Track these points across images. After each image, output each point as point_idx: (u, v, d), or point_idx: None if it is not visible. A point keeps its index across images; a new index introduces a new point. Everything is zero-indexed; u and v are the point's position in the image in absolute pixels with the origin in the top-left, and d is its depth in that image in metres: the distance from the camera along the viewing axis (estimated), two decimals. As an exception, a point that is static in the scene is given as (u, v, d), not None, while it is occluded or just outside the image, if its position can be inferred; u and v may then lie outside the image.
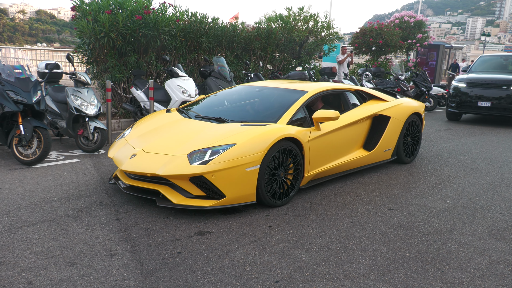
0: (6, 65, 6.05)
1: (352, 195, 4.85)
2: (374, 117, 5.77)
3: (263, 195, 4.17)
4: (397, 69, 12.89)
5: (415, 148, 6.49)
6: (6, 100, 5.62)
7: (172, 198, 3.96)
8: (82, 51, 8.70)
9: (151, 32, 8.55)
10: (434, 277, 3.08)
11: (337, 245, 3.55)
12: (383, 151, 5.78)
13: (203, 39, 9.79)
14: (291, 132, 4.40)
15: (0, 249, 3.29)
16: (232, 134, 4.22)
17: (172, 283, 2.89)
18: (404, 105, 6.25)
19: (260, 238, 3.64)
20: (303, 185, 4.71)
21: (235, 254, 3.34)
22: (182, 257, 3.26)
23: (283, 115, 4.68)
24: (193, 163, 3.90)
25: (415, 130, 6.43)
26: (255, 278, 2.99)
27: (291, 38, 12.05)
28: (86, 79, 6.74)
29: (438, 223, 4.09)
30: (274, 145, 4.14)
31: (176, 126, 4.81)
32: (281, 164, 4.32)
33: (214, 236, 3.65)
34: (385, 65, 15.96)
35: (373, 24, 16.49)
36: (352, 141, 5.46)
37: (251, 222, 3.98)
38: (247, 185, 4.03)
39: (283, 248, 3.45)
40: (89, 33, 8.09)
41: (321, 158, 4.87)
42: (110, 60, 8.50)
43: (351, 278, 3.02)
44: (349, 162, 5.31)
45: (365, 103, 5.91)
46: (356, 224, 4.00)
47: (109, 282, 2.88)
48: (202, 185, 3.95)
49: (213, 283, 2.90)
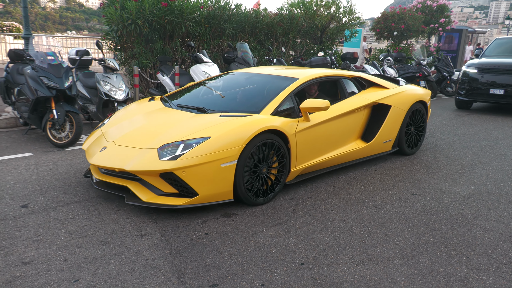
0: (40, 52, 6.12)
1: (374, 179, 4.76)
2: (374, 106, 5.22)
3: (242, 192, 3.71)
4: (419, 54, 12.53)
5: (419, 139, 5.93)
6: (40, 86, 5.70)
7: (142, 195, 3.55)
8: (110, 38, 8.73)
9: (176, 18, 8.51)
10: (459, 262, 3.00)
11: (361, 229, 3.49)
12: (382, 142, 5.26)
13: (226, 25, 9.68)
14: (275, 123, 3.88)
15: (37, 227, 3.36)
16: (208, 126, 3.73)
17: (200, 263, 2.89)
18: (407, 93, 5.65)
19: (285, 221, 3.61)
20: (289, 181, 4.23)
21: (261, 236, 3.32)
22: (209, 238, 3.27)
23: (267, 105, 4.16)
24: (162, 158, 3.47)
25: (419, 120, 5.85)
26: (281, 260, 2.97)
27: (313, 24, 11.83)
28: (115, 65, 6.77)
29: (462, 209, 3.98)
30: (254, 138, 3.68)
31: (153, 116, 4.33)
32: (264, 158, 3.85)
33: (240, 218, 3.64)
34: (406, 50, 15.53)
35: (395, 8, 16.02)
36: (348, 132, 4.90)
37: (275, 205, 3.95)
38: (222, 182, 3.57)
39: (307, 231, 3.42)
40: (116, 20, 8.11)
41: (311, 151, 4.37)
42: (137, 46, 8.51)
43: (376, 262, 2.97)
44: (344, 155, 4.80)
45: (364, 91, 5.31)
46: (379, 209, 3.93)
47: (140, 261, 2.91)
48: (173, 182, 3.51)
49: (240, 264, 2.90)
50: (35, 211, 3.67)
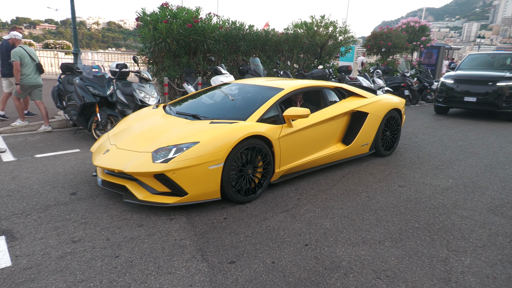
0: (86, 65, 6.14)
1: (367, 173, 4.69)
2: (353, 113, 4.93)
3: (229, 192, 3.50)
4: (403, 67, 12.35)
5: (394, 142, 5.61)
6: (86, 93, 5.72)
7: (138, 193, 3.37)
8: (145, 53, 8.74)
9: (199, 37, 8.48)
10: (441, 245, 2.93)
11: (356, 215, 3.43)
12: (360, 145, 4.96)
13: (241, 43, 9.63)
14: (260, 129, 3.66)
15: (84, 211, 3.36)
16: (198, 132, 3.52)
17: (220, 243, 2.87)
18: (383, 101, 5.31)
19: (291, 208, 3.57)
20: (274, 180, 3.98)
21: (271, 221, 3.28)
22: (227, 222, 3.24)
23: (254, 113, 3.90)
24: (155, 161, 3.29)
25: (394, 125, 5.52)
26: (288, 241, 2.93)
27: (314, 42, 11.70)
28: (148, 76, 6.77)
29: (442, 199, 3.90)
30: (239, 143, 3.47)
31: (152, 122, 4.09)
32: (249, 161, 3.63)
33: (253, 205, 3.60)
34: (392, 63, 15.31)
35: (383, 29, 15.80)
36: (328, 136, 4.60)
37: (283, 194, 3.90)
38: (210, 182, 3.37)
39: (310, 217, 3.37)
40: (150, 39, 8.11)
41: (293, 154, 4.10)
42: (167, 61, 8.51)
43: (369, 244, 2.91)
44: (325, 157, 4.51)
45: (344, 100, 4.99)
46: (372, 198, 3.86)
47: (170, 241, 2.89)
48: (165, 182, 3.33)
49: (254, 244, 2.86)
50: (83, 198, 3.68)
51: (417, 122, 8.71)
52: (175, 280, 2.40)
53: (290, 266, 2.59)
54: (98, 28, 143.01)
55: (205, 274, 2.47)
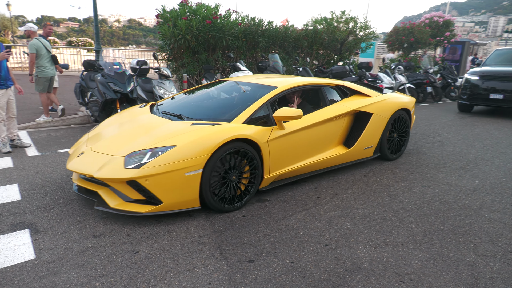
0: (108, 62, 6.22)
1: (388, 172, 4.57)
2: (356, 114, 4.54)
3: (209, 200, 3.18)
4: (426, 63, 12.01)
5: (402, 145, 5.15)
6: (108, 90, 5.80)
7: (111, 201, 3.07)
8: (164, 50, 8.80)
9: (218, 34, 8.47)
10: (467, 249, 2.82)
11: (377, 216, 3.35)
12: (363, 149, 4.55)
13: (260, 39, 9.57)
14: (244, 132, 3.31)
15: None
16: (177, 135, 3.21)
17: (238, 242, 2.84)
18: (390, 100, 4.86)
19: (310, 207, 3.51)
20: (263, 187, 3.64)
21: (290, 219, 3.24)
22: (246, 220, 3.21)
23: (240, 114, 3.57)
24: (127, 166, 2.98)
25: (402, 126, 5.07)
26: (308, 241, 2.88)
27: (334, 38, 11.52)
28: (168, 73, 6.81)
29: (468, 200, 3.75)
30: (221, 147, 3.14)
31: (134, 123, 3.80)
32: (234, 166, 3.31)
33: (272, 203, 3.56)
34: (415, 60, 14.94)
35: (406, 24, 15.41)
36: (327, 139, 4.21)
37: (302, 193, 3.85)
38: (187, 190, 3.05)
39: (330, 217, 3.31)
40: (169, 35, 8.15)
41: (286, 158, 3.75)
42: (186, 57, 8.55)
43: (391, 246, 2.83)
44: (323, 161, 4.14)
45: (346, 99, 4.58)
46: (394, 198, 3.76)
47: (189, 237, 2.89)
48: (139, 189, 3.00)
49: (273, 243, 2.83)
50: (104, 193, 3.71)
51: (440, 120, 8.46)
52: (194, 277, 2.39)
53: (310, 266, 2.54)
54: (119, 26, 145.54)
55: (224, 272, 2.45)
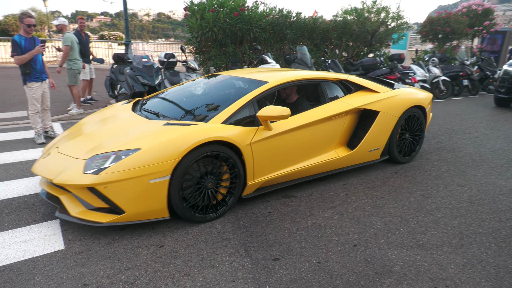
0: (136, 55, 6.30)
1: (421, 170, 4.36)
2: (362, 112, 4.09)
3: (180, 210, 2.85)
4: (462, 55, 11.41)
5: (416, 146, 4.61)
6: (136, 83, 5.87)
7: (72, 208, 2.79)
8: (192, 43, 8.83)
9: (245, 26, 8.39)
10: (509, 254, 2.62)
11: (410, 216, 3.19)
12: (368, 151, 4.06)
13: (288, 31, 9.40)
14: (221, 134, 2.93)
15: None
16: (144, 136, 2.90)
17: (264, 239, 2.78)
18: (401, 97, 4.31)
19: (338, 204, 3.40)
20: (247, 194, 3.26)
21: (317, 217, 3.14)
22: (271, 216, 3.14)
23: (220, 113, 3.18)
24: (86, 171, 2.70)
25: (416, 125, 4.52)
26: (335, 240, 2.77)
27: (364, 29, 11.15)
28: (195, 66, 6.82)
29: (509, 202, 3.51)
30: (193, 150, 2.79)
31: (109, 122, 3.52)
32: (211, 172, 2.95)
33: (298, 200, 3.48)
34: (450, 51, 14.24)
35: (441, 13, 14.70)
36: (325, 140, 3.78)
37: (330, 189, 3.73)
38: (153, 199, 2.73)
39: (359, 215, 3.18)
40: (197, 28, 8.16)
41: (274, 162, 3.35)
42: (213, 50, 8.53)
43: (425, 248, 2.68)
44: (319, 165, 3.70)
45: (350, 95, 4.09)
46: (427, 198, 3.57)
47: (213, 233, 2.86)
48: (102, 197, 2.69)
49: (299, 241, 2.75)
50: (131, 185, 3.74)
51: (477, 114, 8.02)
52: (218, 274, 2.35)
53: (338, 267, 2.44)
54: (149, 20, 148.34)
55: (248, 270, 2.40)
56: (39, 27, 33.49)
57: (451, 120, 7.27)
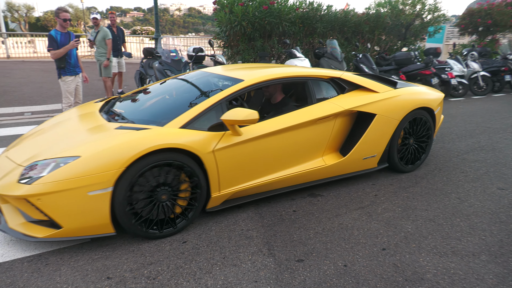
0: (165, 49, 6.35)
1: (457, 171, 4.12)
2: (354, 114, 3.61)
3: (127, 227, 2.54)
4: (505, 49, 10.73)
5: (422, 153, 4.08)
6: (164, 77, 5.92)
7: (11, 219, 2.50)
8: (220, 37, 8.82)
9: (274, 20, 8.28)
10: (556, 266, 2.41)
11: (444, 220, 3.01)
12: (362, 159, 3.61)
13: (318, 24, 9.19)
14: (175, 140, 2.58)
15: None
16: (88, 142, 2.61)
17: (288, 238, 2.71)
18: (403, 97, 3.80)
19: (367, 205, 3.26)
20: (211, 208, 2.92)
21: (344, 218, 3.03)
22: (296, 215, 3.06)
23: (180, 116, 2.82)
24: (21, 180, 2.42)
25: (422, 130, 3.98)
26: (363, 243, 2.66)
27: (398, 22, 10.72)
28: (223, 60, 6.80)
29: (556, 208, 3.24)
30: (141, 159, 2.46)
31: (69, 122, 3.22)
32: (166, 183, 2.63)
33: (325, 199, 3.37)
34: (491, 45, 13.44)
35: (482, 4, 13.88)
36: (309, 146, 3.34)
37: (358, 189, 3.60)
38: (93, 214, 2.42)
39: (389, 217, 3.04)
40: (225, 22, 8.14)
41: (245, 171, 2.97)
42: (241, 44, 8.49)
43: (460, 256, 2.51)
44: (303, 175, 3.29)
45: (343, 95, 3.62)
46: (463, 201, 3.36)
47: (236, 230, 2.82)
48: (39, 209, 2.41)
49: (324, 243, 2.65)
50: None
51: (520, 112, 7.51)
52: (240, 273, 2.31)
53: (365, 272, 2.33)
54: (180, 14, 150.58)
55: (271, 270, 2.34)
56: (75, 22, 34.79)
57: (490, 118, 6.85)
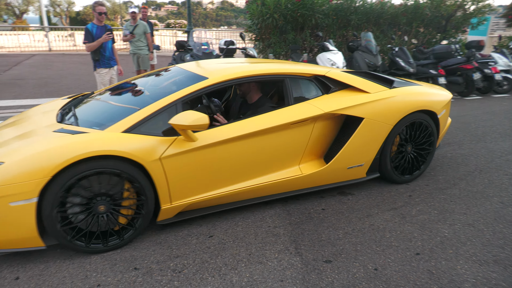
0: (197, 42, 6.38)
1: (500, 173, 3.85)
2: (338, 117, 3.19)
3: (62, 242, 2.33)
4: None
5: (422, 162, 3.59)
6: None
7: None
8: (252, 30, 8.76)
9: (307, 12, 8.11)
10: None
11: (484, 225, 2.81)
12: (346, 168, 3.18)
13: (352, 16, 8.92)
14: (112, 147, 2.29)
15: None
16: (18, 146, 2.36)
17: (316, 237, 2.63)
18: (399, 99, 3.30)
19: (400, 206, 3.11)
20: (163, 220, 2.63)
21: (375, 218, 2.90)
22: (325, 214, 2.97)
23: (124, 119, 2.54)
24: None
25: (421, 136, 3.48)
26: (395, 246, 2.53)
27: (438, 13, 10.19)
28: (253, 53, 6.74)
29: None
30: (70, 167, 2.21)
31: (26, 121, 2.92)
32: (104, 193, 2.37)
33: (355, 198, 3.25)
34: (542, 37, 12.51)
35: (533, -6, 12.93)
36: (281, 154, 2.94)
37: (391, 189, 3.44)
38: (17, 226, 2.19)
39: (423, 220, 2.88)
40: (257, 15, 8.06)
41: (203, 181, 2.67)
42: (273, 37, 8.39)
43: (503, 265, 2.33)
44: (274, 185, 2.92)
45: (326, 96, 3.18)
46: (507, 206, 3.13)
47: (263, 227, 2.77)
48: None
49: (354, 244, 2.55)
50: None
51: None
52: (265, 271, 2.26)
53: (397, 277, 2.22)
54: (213, 8, 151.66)
55: (298, 270, 2.28)
56: (112, 16, 35.87)
57: (539, 117, 6.38)
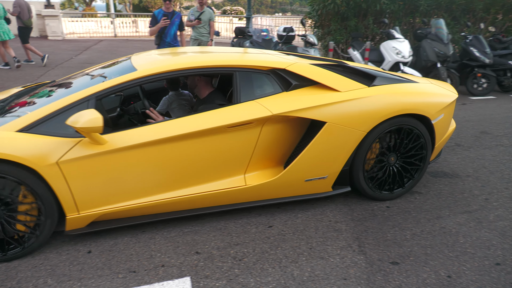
0: (257, 29, 6.33)
1: None
2: (303, 121, 2.71)
3: None
4: None
5: (409, 177, 2.97)
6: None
7: None
8: (311, 16, 8.52)
9: (372, -3, 7.68)
10: None
11: None
12: (304, 180, 2.70)
13: (421, 2, 8.29)
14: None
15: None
16: None
17: (381, 236, 2.49)
18: (377, 99, 2.69)
19: (475, 210, 2.85)
20: (72, 230, 2.35)
21: (446, 221, 2.68)
22: (390, 212, 2.81)
23: (22, 116, 2.27)
24: None
25: (410, 146, 2.87)
26: (470, 253, 2.32)
27: (522, -3, 9.15)
28: (314, 40, 6.55)
29: None
30: None
31: None
32: None
33: (423, 197, 3.03)
34: None
35: None
36: (220, 161, 2.53)
37: (464, 190, 3.17)
38: None
39: (504, 227, 2.61)
40: (318, 0, 7.79)
41: (120, 189, 2.36)
42: (333, 24, 8.09)
43: None
44: (210, 196, 2.54)
45: (284, 93, 2.67)
46: None
47: (324, 220, 2.68)
48: None
49: (423, 247, 2.38)
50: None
51: None
52: (327, 267, 2.19)
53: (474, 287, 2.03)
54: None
55: (362, 269, 2.17)
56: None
57: None
